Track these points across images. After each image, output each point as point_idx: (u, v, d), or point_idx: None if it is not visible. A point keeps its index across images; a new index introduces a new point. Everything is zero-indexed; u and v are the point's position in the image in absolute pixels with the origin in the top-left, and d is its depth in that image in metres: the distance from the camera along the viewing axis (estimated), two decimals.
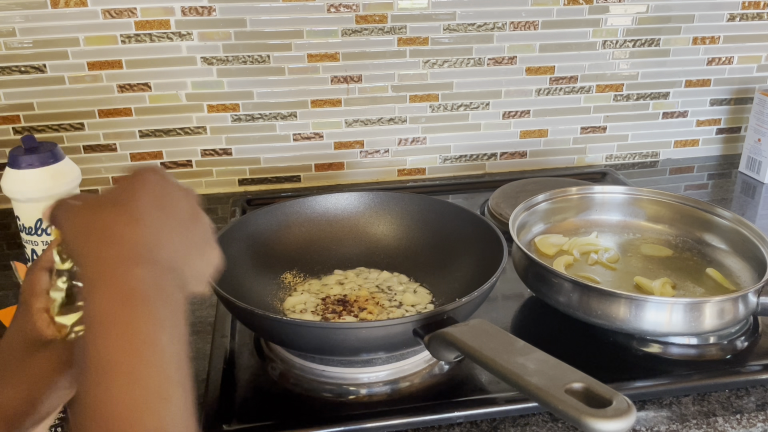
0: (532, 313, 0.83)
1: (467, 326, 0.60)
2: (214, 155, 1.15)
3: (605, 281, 0.81)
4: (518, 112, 1.21)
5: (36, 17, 1.02)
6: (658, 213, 0.93)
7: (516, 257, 0.82)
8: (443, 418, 0.64)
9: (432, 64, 1.14)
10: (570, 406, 0.48)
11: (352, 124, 1.17)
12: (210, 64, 1.09)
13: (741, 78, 1.26)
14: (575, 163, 1.27)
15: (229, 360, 0.73)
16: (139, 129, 1.12)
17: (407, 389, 0.69)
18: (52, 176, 0.69)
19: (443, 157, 1.22)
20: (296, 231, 0.88)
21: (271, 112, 1.14)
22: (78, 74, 1.06)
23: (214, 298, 0.84)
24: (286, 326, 0.66)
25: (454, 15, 1.12)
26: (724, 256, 0.86)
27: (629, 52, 1.20)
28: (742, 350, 0.75)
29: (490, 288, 0.69)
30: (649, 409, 0.67)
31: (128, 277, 0.39)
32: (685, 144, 1.30)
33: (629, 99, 1.24)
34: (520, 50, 1.16)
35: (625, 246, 0.90)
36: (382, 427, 0.63)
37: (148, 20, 1.05)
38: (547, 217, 0.93)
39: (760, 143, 1.19)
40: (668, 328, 0.70)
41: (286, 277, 0.85)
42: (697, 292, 0.80)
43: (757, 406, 0.67)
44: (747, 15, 1.21)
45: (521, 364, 0.53)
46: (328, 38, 1.10)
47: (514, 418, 0.65)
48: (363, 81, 1.14)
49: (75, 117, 1.09)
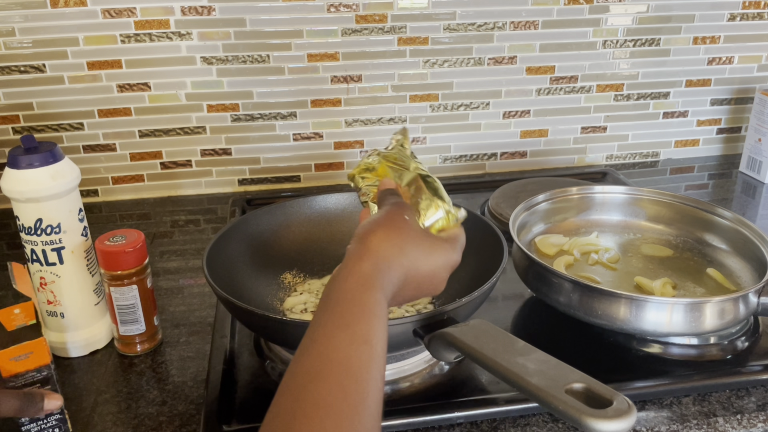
0: (533, 313, 0.83)
1: (467, 326, 0.60)
2: (214, 155, 1.15)
3: (606, 281, 0.81)
4: (518, 112, 1.21)
5: (35, 17, 1.02)
6: (659, 213, 0.92)
7: (516, 257, 0.82)
8: (443, 419, 0.64)
9: (432, 63, 1.14)
10: (570, 406, 0.47)
11: (352, 124, 1.17)
12: (210, 63, 1.09)
13: (741, 78, 1.26)
14: (575, 163, 1.27)
15: (228, 360, 0.73)
16: (138, 129, 1.12)
17: (407, 389, 0.69)
18: (52, 176, 0.69)
19: (443, 157, 1.22)
20: (296, 231, 0.88)
21: (271, 111, 1.14)
22: (77, 74, 1.06)
23: (214, 298, 0.84)
24: (286, 326, 0.66)
25: (454, 15, 1.12)
26: (724, 256, 0.86)
27: (629, 51, 1.20)
28: (742, 350, 0.75)
29: (490, 288, 0.69)
30: (650, 409, 0.67)
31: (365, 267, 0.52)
32: (686, 144, 1.30)
33: (630, 99, 1.24)
34: (520, 50, 1.16)
35: (626, 246, 0.90)
36: (382, 427, 0.63)
37: (148, 20, 1.05)
38: (548, 217, 0.93)
39: (761, 143, 1.19)
40: (669, 328, 0.70)
41: (286, 277, 0.85)
42: (697, 293, 0.80)
43: (757, 406, 0.67)
44: (747, 15, 1.21)
45: (521, 364, 0.53)
46: (328, 38, 1.10)
47: (514, 418, 0.65)
48: (363, 81, 1.14)
49: (74, 117, 1.09)
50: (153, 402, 0.68)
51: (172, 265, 0.95)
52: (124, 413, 0.67)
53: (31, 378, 0.59)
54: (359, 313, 0.48)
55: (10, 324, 0.60)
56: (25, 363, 0.58)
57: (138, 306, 0.73)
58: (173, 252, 0.99)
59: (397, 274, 0.53)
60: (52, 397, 0.59)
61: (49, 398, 0.59)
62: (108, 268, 0.71)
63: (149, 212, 1.12)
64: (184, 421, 0.66)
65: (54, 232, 0.70)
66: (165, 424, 0.65)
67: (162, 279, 0.91)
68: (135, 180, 1.15)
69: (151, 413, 0.67)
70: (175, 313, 0.83)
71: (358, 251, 0.53)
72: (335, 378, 0.43)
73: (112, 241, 0.71)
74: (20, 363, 0.58)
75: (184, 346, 0.77)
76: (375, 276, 0.51)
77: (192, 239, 1.03)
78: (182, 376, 0.72)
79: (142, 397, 0.69)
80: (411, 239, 0.55)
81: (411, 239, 0.55)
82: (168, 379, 0.72)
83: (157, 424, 0.65)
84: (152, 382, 0.71)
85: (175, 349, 0.77)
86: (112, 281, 0.71)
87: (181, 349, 0.77)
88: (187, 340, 0.78)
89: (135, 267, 0.72)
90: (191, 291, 0.88)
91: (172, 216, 1.10)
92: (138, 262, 0.72)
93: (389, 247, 0.53)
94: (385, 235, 0.54)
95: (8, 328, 0.60)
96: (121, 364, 0.74)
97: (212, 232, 1.05)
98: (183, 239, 1.03)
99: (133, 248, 0.71)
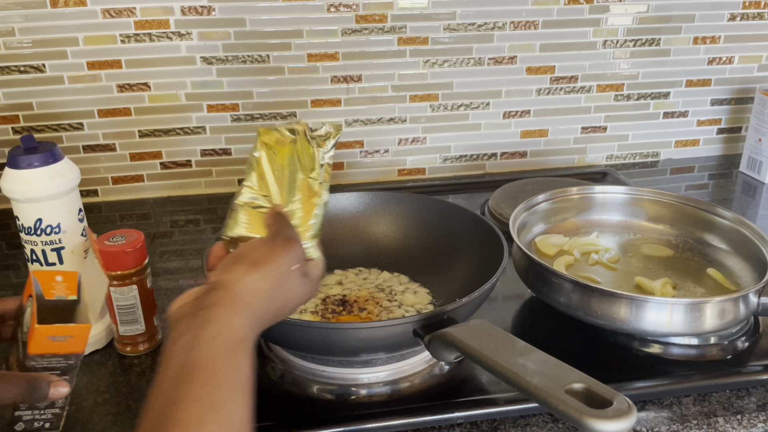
0: (533, 313, 0.83)
1: (467, 326, 0.60)
2: (214, 155, 1.15)
3: (606, 281, 0.81)
4: (518, 112, 1.21)
5: (35, 17, 1.02)
6: (659, 213, 0.92)
7: (516, 257, 0.82)
8: (443, 419, 0.64)
9: (432, 63, 1.14)
10: (570, 406, 0.47)
11: (352, 124, 1.17)
12: (209, 63, 1.09)
13: (741, 78, 1.26)
14: (576, 163, 1.27)
15: None
16: (138, 129, 1.12)
17: (407, 390, 0.69)
18: (52, 176, 0.69)
19: (443, 157, 1.22)
20: None
21: (271, 112, 1.14)
22: (77, 74, 1.06)
23: None
24: (286, 326, 0.66)
25: (454, 15, 1.12)
26: (724, 256, 0.86)
27: (630, 51, 1.20)
28: (742, 350, 0.75)
29: (490, 288, 0.69)
30: (650, 409, 0.66)
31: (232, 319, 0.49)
32: (686, 144, 1.30)
33: (630, 99, 1.24)
34: (520, 50, 1.16)
35: (626, 246, 0.90)
36: (382, 427, 0.63)
37: (148, 20, 1.04)
38: (548, 217, 0.93)
39: (761, 143, 1.19)
40: (669, 328, 0.70)
41: None
42: (697, 293, 0.80)
43: (757, 406, 0.67)
44: (747, 15, 1.20)
45: (521, 364, 0.53)
46: (327, 38, 1.10)
47: (514, 418, 0.65)
48: (363, 81, 1.14)
49: (74, 117, 1.09)
50: None
51: (172, 265, 0.95)
52: (124, 413, 0.67)
53: (56, 363, 0.51)
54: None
55: (49, 291, 0.52)
56: (60, 346, 0.51)
57: (138, 306, 0.73)
58: (173, 252, 0.99)
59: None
60: (59, 384, 0.51)
61: (56, 385, 0.51)
62: (108, 268, 0.71)
63: (149, 212, 1.12)
64: None
65: (54, 232, 0.70)
66: None
67: (162, 279, 0.91)
68: (135, 180, 1.15)
69: None
70: None
71: None
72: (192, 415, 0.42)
73: (112, 241, 0.71)
74: (55, 344, 0.50)
75: None
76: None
77: (192, 239, 1.03)
78: None
79: (141, 397, 0.69)
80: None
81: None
82: None
83: None
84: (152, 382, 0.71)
85: None
86: (112, 281, 0.71)
87: None
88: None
89: (135, 267, 0.72)
90: None
91: (172, 216, 1.10)
92: (138, 262, 0.72)
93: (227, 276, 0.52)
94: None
95: (47, 295, 0.52)
96: (121, 364, 0.74)
97: (212, 232, 1.05)
98: (183, 239, 1.03)
99: (133, 248, 0.71)
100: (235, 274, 0.52)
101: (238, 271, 0.52)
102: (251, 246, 0.56)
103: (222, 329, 0.47)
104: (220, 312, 0.48)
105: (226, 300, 0.50)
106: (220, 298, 0.50)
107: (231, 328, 0.48)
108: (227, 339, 0.47)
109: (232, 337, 0.47)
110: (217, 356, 0.45)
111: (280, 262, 0.54)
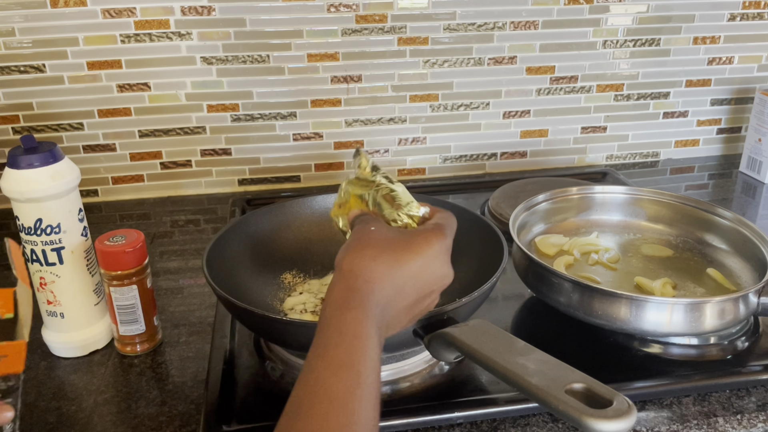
0: (533, 313, 0.83)
1: (467, 326, 0.60)
2: (214, 155, 1.15)
3: (606, 281, 0.81)
4: (518, 112, 1.21)
5: (35, 17, 1.02)
6: (659, 213, 0.92)
7: (516, 257, 0.82)
8: (443, 419, 0.64)
9: (432, 63, 1.14)
10: (570, 406, 0.47)
11: (352, 124, 1.17)
12: (209, 63, 1.09)
13: (741, 78, 1.26)
14: (575, 163, 1.27)
15: (228, 360, 0.73)
16: (138, 129, 1.12)
17: (407, 389, 0.69)
18: (52, 176, 0.69)
19: (443, 157, 1.22)
20: (296, 231, 0.88)
21: (271, 111, 1.14)
22: (77, 74, 1.06)
23: (214, 298, 0.84)
24: (286, 326, 0.66)
25: (454, 15, 1.12)
26: (724, 256, 0.86)
27: (630, 51, 1.20)
28: (742, 350, 0.75)
29: (490, 288, 0.69)
30: (650, 409, 0.66)
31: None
32: (686, 144, 1.30)
33: (630, 99, 1.24)
34: (520, 50, 1.16)
35: (626, 246, 0.90)
36: (382, 427, 0.63)
37: (148, 20, 1.05)
38: (548, 217, 0.93)
39: (761, 143, 1.19)
40: (669, 328, 0.70)
41: (286, 277, 0.85)
42: (697, 293, 0.80)
43: (757, 406, 0.67)
44: (747, 15, 1.21)
45: (521, 364, 0.53)
46: (327, 38, 1.10)
47: (514, 418, 0.65)
48: (363, 81, 1.14)
49: (74, 117, 1.09)
50: (153, 402, 0.68)
51: (172, 265, 0.95)
52: (123, 413, 0.67)
53: None
54: (337, 338, 0.47)
55: None
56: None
57: (138, 306, 0.73)
58: (173, 252, 0.99)
59: (380, 285, 0.51)
60: (2, 408, 0.47)
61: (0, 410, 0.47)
62: (108, 268, 0.71)
63: (149, 212, 1.12)
64: (184, 421, 0.66)
65: (54, 232, 0.70)
66: (165, 425, 0.65)
67: (162, 279, 0.91)
68: (135, 180, 1.15)
69: (150, 413, 0.67)
70: (175, 313, 0.83)
71: (333, 280, 0.52)
72: (317, 409, 0.43)
73: (112, 241, 0.71)
74: None
75: (184, 346, 0.77)
76: (350, 297, 0.49)
77: (192, 239, 1.03)
78: (182, 377, 0.72)
79: (141, 397, 0.69)
80: (381, 246, 0.53)
81: (381, 246, 0.53)
82: (168, 379, 0.72)
83: (156, 425, 0.65)
84: (152, 383, 0.71)
85: (175, 349, 0.77)
86: (112, 281, 0.71)
87: (181, 350, 0.76)
88: (187, 340, 0.78)
89: (135, 267, 0.72)
90: (191, 291, 0.88)
91: (172, 216, 1.10)
92: (138, 262, 0.72)
93: (360, 263, 0.51)
94: (355, 253, 0.52)
95: None
96: (120, 364, 0.74)
97: (212, 232, 1.05)
98: (183, 239, 1.03)
99: (133, 248, 0.71)
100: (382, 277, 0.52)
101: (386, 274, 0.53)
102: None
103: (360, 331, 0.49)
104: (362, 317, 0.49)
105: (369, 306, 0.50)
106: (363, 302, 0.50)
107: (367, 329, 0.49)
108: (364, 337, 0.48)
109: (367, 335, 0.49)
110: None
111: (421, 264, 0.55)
